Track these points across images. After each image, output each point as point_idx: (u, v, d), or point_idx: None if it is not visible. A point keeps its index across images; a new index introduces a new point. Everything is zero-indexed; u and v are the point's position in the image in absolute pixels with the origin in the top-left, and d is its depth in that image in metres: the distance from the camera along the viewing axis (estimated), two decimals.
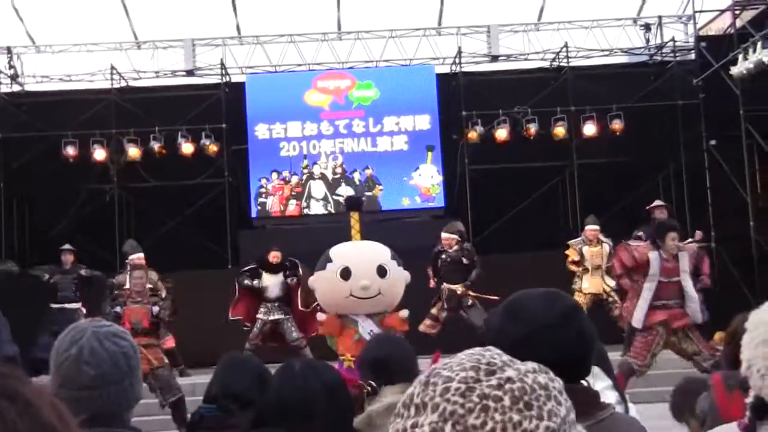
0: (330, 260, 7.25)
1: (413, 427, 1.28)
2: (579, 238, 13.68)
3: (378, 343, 4.36)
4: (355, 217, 7.42)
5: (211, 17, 18.09)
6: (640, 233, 12.55)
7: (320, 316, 7.54)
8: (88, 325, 2.33)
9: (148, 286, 11.20)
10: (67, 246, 14.37)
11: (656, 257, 9.41)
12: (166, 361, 10.46)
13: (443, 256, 13.21)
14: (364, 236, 7.61)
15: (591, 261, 13.31)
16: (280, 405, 2.97)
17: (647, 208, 13.50)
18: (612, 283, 13.12)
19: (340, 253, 7.33)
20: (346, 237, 7.75)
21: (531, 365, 1.32)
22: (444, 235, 13.39)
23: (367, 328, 7.02)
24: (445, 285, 13.11)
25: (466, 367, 1.29)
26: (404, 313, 7.38)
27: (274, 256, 13.40)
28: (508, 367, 1.29)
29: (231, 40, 18.62)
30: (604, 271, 13.23)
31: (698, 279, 10.13)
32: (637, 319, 9.39)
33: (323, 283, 7.31)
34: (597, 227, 13.50)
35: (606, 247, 13.31)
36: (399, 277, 7.26)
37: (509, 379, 1.27)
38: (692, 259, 9.65)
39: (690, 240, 10.28)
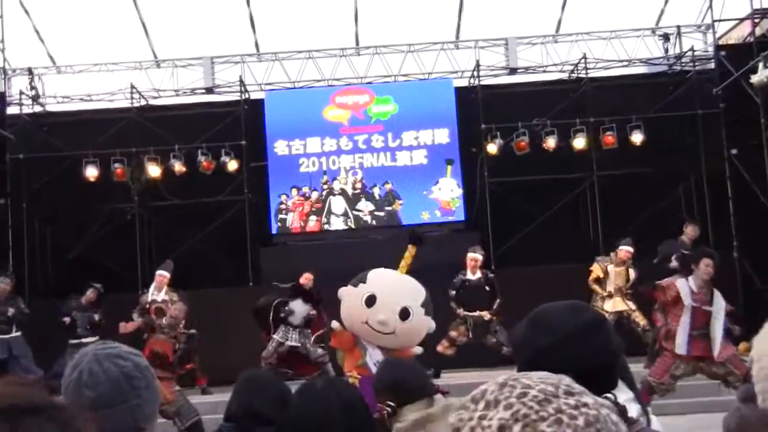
0: (364, 281, 7.16)
1: (481, 418, 1.30)
2: (607, 257, 13.61)
3: (392, 367, 4.50)
4: (411, 252, 7.30)
5: (230, 35, 18.17)
6: (666, 251, 12.57)
7: (335, 325, 7.46)
8: (91, 349, 2.33)
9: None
10: (96, 285, 14.18)
11: (684, 284, 9.38)
12: (178, 388, 10.45)
13: (466, 283, 13.24)
14: (408, 272, 7.47)
15: (614, 281, 13.23)
16: (300, 422, 2.97)
17: (686, 222, 13.46)
18: (632, 304, 13.12)
19: (377, 279, 7.19)
20: (366, 252, 7.73)
21: (607, 402, 1.36)
22: (471, 255, 13.44)
23: (374, 358, 6.94)
24: (468, 314, 13.15)
25: (546, 381, 1.33)
26: (417, 350, 7.22)
27: (306, 278, 13.41)
28: (586, 395, 1.33)
29: (250, 57, 18.69)
30: (624, 294, 13.17)
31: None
32: (680, 345, 9.34)
33: (348, 299, 7.22)
34: (632, 249, 13.43)
35: (632, 273, 13.24)
36: (421, 325, 7.05)
37: (586, 404, 1.30)
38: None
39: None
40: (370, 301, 7.00)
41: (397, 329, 6.90)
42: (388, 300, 6.97)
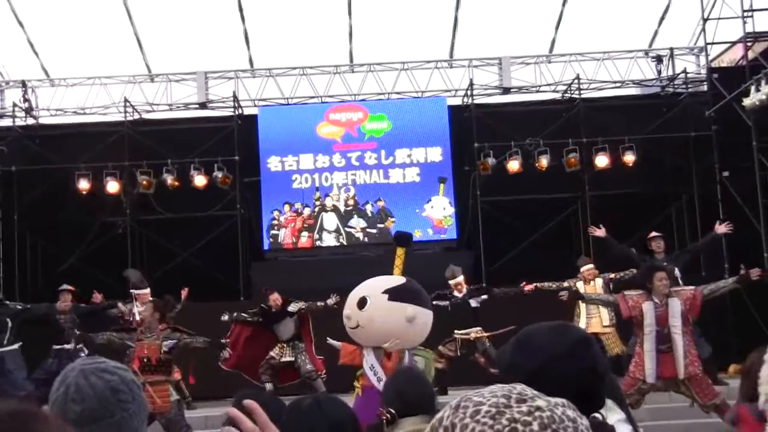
0: None
1: None
2: (574, 278, 13.59)
3: (398, 378, 4.55)
4: (398, 253, 7.30)
5: (224, 50, 18.22)
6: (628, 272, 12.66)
7: (334, 343, 7.51)
8: (78, 364, 2.34)
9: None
10: (64, 286, 13.98)
11: (650, 307, 9.26)
12: (176, 397, 10.40)
13: (452, 300, 13.23)
14: (404, 273, 7.47)
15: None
16: None
17: (647, 238, 13.43)
18: (607, 321, 13.03)
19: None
20: (357, 269, 7.72)
21: (560, 400, 1.35)
22: (453, 282, 13.40)
23: (369, 362, 6.96)
24: (457, 334, 13.13)
25: (497, 394, 1.33)
26: (419, 361, 7.12)
27: (275, 300, 13.36)
28: (539, 398, 1.33)
29: (243, 72, 18.73)
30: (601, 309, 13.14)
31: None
32: (649, 374, 9.27)
33: None
34: (591, 266, 13.46)
35: (599, 282, 13.20)
36: (384, 310, 6.87)
37: (539, 408, 1.30)
38: (686, 302, 9.41)
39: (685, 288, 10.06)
40: (343, 303, 7.13)
41: (360, 320, 6.90)
42: (351, 296, 7.05)
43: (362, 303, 6.90)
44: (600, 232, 12.59)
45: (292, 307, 13.27)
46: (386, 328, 6.90)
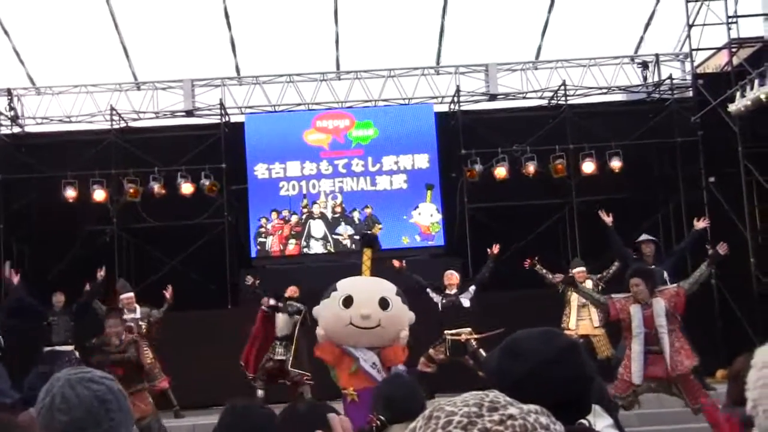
0: (335, 289, 7.31)
1: None
2: None
3: (389, 383, 4.57)
4: (367, 254, 7.41)
5: (211, 58, 18.21)
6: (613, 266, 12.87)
7: (319, 332, 7.52)
8: (64, 374, 2.33)
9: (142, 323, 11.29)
10: (56, 293, 13.88)
11: (637, 310, 9.28)
12: (153, 407, 10.38)
13: (444, 301, 13.20)
14: (374, 274, 7.59)
15: (578, 300, 13.26)
16: None
17: (635, 242, 13.47)
18: (597, 322, 13.14)
19: (346, 284, 7.39)
20: (344, 276, 7.72)
21: (533, 407, 1.35)
22: (448, 272, 13.44)
23: (369, 360, 6.99)
24: (446, 333, 13.09)
25: (469, 403, 1.33)
26: (400, 368, 7.20)
27: (293, 291, 13.43)
28: (511, 406, 1.33)
29: (230, 80, 18.71)
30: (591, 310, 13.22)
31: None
32: (636, 376, 9.28)
33: (326, 311, 7.33)
34: (583, 269, 13.59)
35: (589, 283, 13.27)
36: (402, 313, 7.19)
37: (511, 416, 1.30)
38: (670, 301, 9.42)
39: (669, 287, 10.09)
40: (348, 301, 7.13)
41: (382, 320, 7.00)
42: (364, 296, 7.12)
43: (384, 303, 7.01)
44: (608, 219, 12.64)
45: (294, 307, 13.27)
46: (399, 328, 7.10)
